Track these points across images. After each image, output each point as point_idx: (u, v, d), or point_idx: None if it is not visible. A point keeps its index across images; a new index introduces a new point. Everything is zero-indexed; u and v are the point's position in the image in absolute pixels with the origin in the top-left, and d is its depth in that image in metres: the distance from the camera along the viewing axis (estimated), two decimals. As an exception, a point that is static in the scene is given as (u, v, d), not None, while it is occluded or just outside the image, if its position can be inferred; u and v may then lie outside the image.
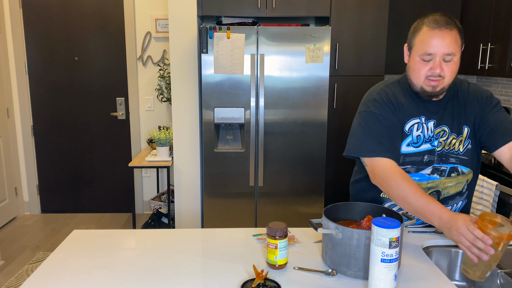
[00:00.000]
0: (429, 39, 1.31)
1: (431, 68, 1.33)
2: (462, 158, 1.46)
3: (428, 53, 1.32)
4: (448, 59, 1.32)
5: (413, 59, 1.37)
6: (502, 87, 3.49)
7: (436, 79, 1.34)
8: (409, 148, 1.44)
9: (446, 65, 1.33)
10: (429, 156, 1.44)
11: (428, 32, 1.32)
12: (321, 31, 2.97)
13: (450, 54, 1.31)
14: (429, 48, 1.31)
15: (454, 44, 1.31)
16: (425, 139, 1.43)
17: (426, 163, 1.44)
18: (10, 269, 3.11)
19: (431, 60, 1.33)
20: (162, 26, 3.90)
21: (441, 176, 1.45)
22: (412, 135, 1.43)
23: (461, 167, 1.47)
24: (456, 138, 1.45)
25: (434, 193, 1.47)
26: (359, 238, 1.15)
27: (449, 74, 1.34)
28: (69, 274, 1.21)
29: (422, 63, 1.35)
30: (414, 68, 1.38)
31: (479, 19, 3.21)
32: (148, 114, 4.08)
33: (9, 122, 3.97)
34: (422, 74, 1.36)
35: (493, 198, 2.36)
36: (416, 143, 1.43)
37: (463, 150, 1.46)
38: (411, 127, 1.43)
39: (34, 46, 3.96)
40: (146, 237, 1.47)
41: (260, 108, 3.05)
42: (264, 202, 3.20)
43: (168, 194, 3.40)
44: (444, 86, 1.37)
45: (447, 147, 1.45)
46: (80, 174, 4.20)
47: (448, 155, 1.45)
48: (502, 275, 1.25)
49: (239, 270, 1.24)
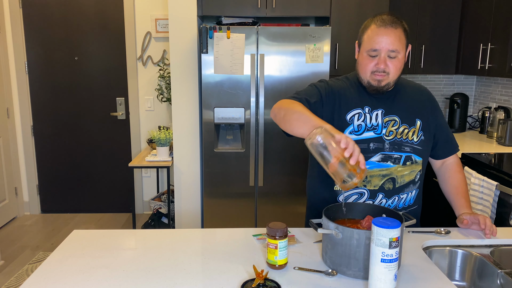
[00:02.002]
0: (375, 36, 1.40)
1: (376, 64, 1.42)
2: (416, 147, 1.52)
3: (374, 49, 1.40)
4: (392, 56, 1.40)
5: (361, 54, 1.46)
6: (502, 87, 3.49)
7: (381, 74, 1.42)
8: (351, 135, 1.49)
9: (391, 61, 1.41)
10: (375, 143, 1.49)
11: (375, 30, 1.41)
12: (321, 31, 2.97)
13: (394, 51, 1.39)
14: (375, 44, 1.40)
15: (398, 42, 1.39)
16: (367, 127, 1.49)
17: (373, 150, 1.49)
18: (10, 269, 3.11)
19: (376, 56, 1.41)
20: (162, 26, 3.90)
21: (395, 164, 1.50)
22: (353, 124, 1.50)
23: (414, 156, 1.52)
24: (408, 129, 1.51)
25: (390, 180, 1.51)
26: (359, 238, 1.15)
27: (393, 70, 1.42)
28: (69, 274, 1.21)
29: (368, 58, 1.43)
30: (361, 63, 1.47)
31: (479, 19, 3.21)
32: (148, 114, 4.08)
33: (9, 122, 3.97)
34: (368, 69, 1.44)
35: (493, 198, 2.36)
36: (358, 131, 1.50)
37: (418, 140, 1.52)
38: (352, 117, 1.50)
39: (34, 46, 3.96)
40: (146, 237, 1.47)
41: (260, 108, 3.05)
42: (264, 202, 3.20)
43: (168, 194, 3.40)
44: (389, 82, 1.45)
45: (399, 136, 1.50)
46: (80, 174, 4.20)
47: (401, 143, 1.50)
48: (502, 275, 1.25)
49: (239, 270, 1.24)
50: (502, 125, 3.09)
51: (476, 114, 3.82)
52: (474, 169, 2.61)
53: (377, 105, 1.51)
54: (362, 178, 1.15)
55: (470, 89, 3.91)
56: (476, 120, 3.80)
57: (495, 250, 1.41)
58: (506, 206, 2.33)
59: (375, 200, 1.51)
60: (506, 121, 3.05)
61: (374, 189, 1.50)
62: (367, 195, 1.51)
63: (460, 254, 1.41)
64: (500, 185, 2.34)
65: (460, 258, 1.41)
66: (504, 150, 2.92)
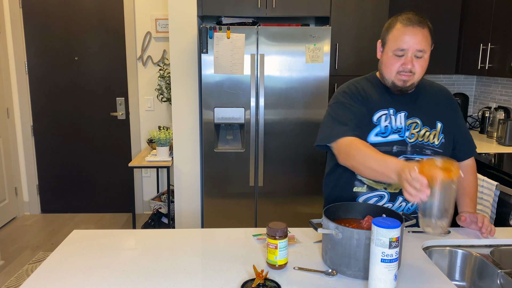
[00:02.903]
0: (402, 36, 1.38)
1: (403, 64, 1.40)
2: (437, 150, 1.51)
3: (401, 48, 1.39)
4: (419, 56, 1.38)
5: (386, 54, 1.44)
6: (502, 87, 3.49)
7: (407, 74, 1.40)
8: (377, 138, 1.48)
9: (417, 61, 1.40)
10: (398, 146, 1.48)
11: (402, 29, 1.39)
12: (321, 31, 2.97)
13: (421, 50, 1.37)
14: (402, 44, 1.38)
15: (425, 41, 1.38)
16: (393, 130, 1.48)
17: (396, 153, 1.48)
18: (10, 269, 3.11)
19: (403, 55, 1.39)
20: (162, 26, 3.90)
21: None
22: (380, 125, 1.48)
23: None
24: (429, 131, 1.50)
25: None
26: (359, 238, 1.15)
27: (419, 70, 1.40)
28: (69, 274, 1.21)
29: (394, 58, 1.41)
30: (386, 63, 1.44)
31: (479, 19, 3.21)
32: (148, 114, 4.08)
33: (9, 122, 3.97)
34: (394, 69, 1.42)
35: (493, 198, 2.36)
36: (384, 133, 1.48)
37: (439, 143, 1.51)
38: (379, 118, 1.48)
39: (34, 46, 3.96)
40: (146, 237, 1.47)
41: (260, 108, 3.05)
42: (264, 202, 3.20)
43: (168, 194, 3.40)
44: (414, 82, 1.43)
45: (420, 138, 1.49)
46: (80, 174, 4.20)
47: (423, 146, 1.49)
48: (502, 275, 1.25)
49: (239, 270, 1.24)
50: (502, 125, 3.09)
51: (476, 114, 3.82)
52: (474, 169, 2.60)
53: (400, 107, 1.49)
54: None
55: (470, 89, 3.91)
56: (476, 120, 3.80)
57: (495, 250, 1.41)
58: (506, 206, 2.33)
59: (394, 203, 1.50)
60: (506, 121, 3.05)
61: (395, 192, 1.50)
62: (387, 198, 1.50)
63: (460, 254, 1.41)
64: (500, 185, 2.34)
65: (460, 258, 1.41)
66: (504, 150, 2.92)
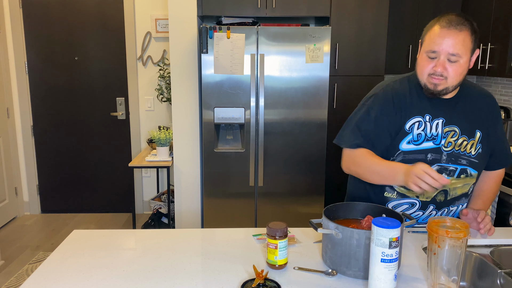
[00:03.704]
0: (436, 37, 1.33)
1: (434, 66, 1.35)
2: (473, 161, 1.47)
3: (433, 50, 1.34)
4: (453, 60, 1.32)
5: (421, 55, 1.40)
6: (502, 87, 3.49)
7: (438, 78, 1.35)
8: (409, 145, 1.44)
9: (450, 65, 1.33)
10: (433, 154, 1.44)
11: (437, 31, 1.33)
12: (321, 31, 2.97)
13: (454, 54, 1.31)
14: (435, 46, 1.33)
15: (461, 45, 1.31)
16: (427, 137, 1.44)
17: (430, 161, 1.44)
18: (10, 269, 3.11)
19: (435, 58, 1.34)
20: (162, 26, 3.90)
21: (449, 176, 1.46)
22: (413, 133, 1.44)
23: (470, 170, 1.47)
24: (467, 140, 1.45)
25: (442, 192, 1.47)
26: (359, 238, 1.15)
27: (452, 74, 1.34)
28: (69, 274, 1.21)
29: (427, 59, 1.37)
30: (419, 63, 1.40)
31: (479, 19, 3.21)
32: (148, 114, 4.08)
33: (9, 122, 3.97)
34: (425, 71, 1.38)
35: (493, 198, 2.36)
36: (417, 141, 1.44)
37: (475, 153, 1.47)
38: (412, 125, 1.44)
39: (34, 46, 3.96)
40: (146, 237, 1.47)
41: (260, 108, 3.05)
42: (264, 202, 3.20)
43: (168, 194, 3.40)
44: (447, 87, 1.36)
45: (457, 147, 1.45)
46: (80, 174, 4.20)
47: (459, 156, 1.45)
48: (502, 275, 1.25)
49: (239, 270, 1.24)
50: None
51: (476, 114, 3.82)
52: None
53: (437, 114, 1.44)
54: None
55: (470, 89, 3.90)
56: (476, 120, 3.79)
57: (495, 250, 1.41)
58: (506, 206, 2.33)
59: (425, 211, 1.49)
60: (506, 121, 3.05)
61: (426, 200, 1.48)
62: (418, 206, 1.49)
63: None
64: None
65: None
66: (504, 150, 2.92)
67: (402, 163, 1.32)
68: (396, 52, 3.51)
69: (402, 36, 3.50)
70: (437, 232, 1.08)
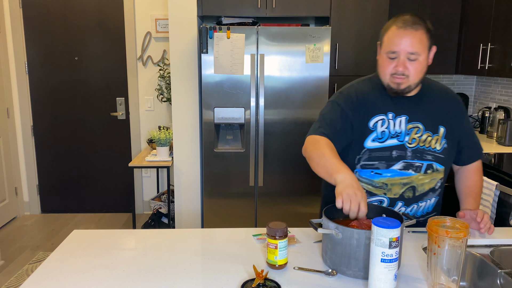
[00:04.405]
0: (394, 38, 1.37)
1: (395, 66, 1.38)
2: (439, 156, 1.50)
3: (392, 51, 1.38)
4: (412, 58, 1.36)
5: (381, 56, 1.43)
6: (502, 87, 3.49)
7: (400, 77, 1.39)
8: (374, 143, 1.48)
9: (411, 64, 1.37)
10: (397, 151, 1.47)
11: (395, 31, 1.37)
12: (321, 31, 2.97)
13: (414, 53, 1.35)
14: (394, 46, 1.37)
15: (419, 43, 1.35)
16: (391, 134, 1.47)
17: (395, 158, 1.47)
18: (10, 269, 3.11)
19: (395, 58, 1.38)
20: (162, 26, 3.90)
21: (416, 172, 1.48)
22: (377, 131, 1.47)
23: (436, 165, 1.50)
24: (431, 136, 1.48)
25: (410, 188, 1.49)
26: (359, 238, 1.15)
27: (413, 72, 1.38)
28: (69, 274, 1.21)
29: (388, 60, 1.40)
30: (381, 65, 1.44)
31: (479, 19, 3.21)
32: (148, 114, 4.08)
33: (9, 122, 3.97)
34: (387, 71, 1.41)
35: (493, 198, 2.36)
36: (381, 139, 1.47)
37: (440, 148, 1.50)
38: (376, 123, 1.48)
39: (34, 46, 3.96)
40: (146, 237, 1.47)
41: (260, 108, 3.05)
42: (264, 202, 3.20)
43: (168, 194, 3.40)
44: (410, 85, 1.41)
45: (421, 144, 1.48)
46: (80, 174, 4.20)
47: (424, 151, 1.48)
48: (502, 275, 1.25)
49: (239, 270, 1.24)
50: (502, 125, 3.09)
51: (476, 114, 3.82)
52: (474, 169, 2.60)
53: (401, 111, 1.48)
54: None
55: (470, 89, 3.91)
56: (476, 120, 3.80)
57: (495, 250, 1.41)
58: (506, 206, 2.33)
59: (394, 208, 1.50)
60: (506, 121, 3.05)
61: (394, 197, 1.49)
62: (386, 203, 1.50)
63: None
64: (500, 185, 2.34)
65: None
66: (504, 150, 2.92)
67: (347, 169, 1.30)
68: (396, 52, 3.51)
69: (402, 36, 3.49)
70: (437, 232, 1.09)
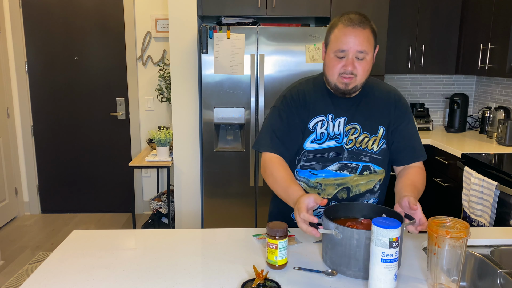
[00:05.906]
0: (343, 36, 1.34)
1: (344, 65, 1.36)
2: (375, 157, 1.48)
3: (341, 49, 1.35)
4: (360, 57, 1.35)
5: (328, 55, 1.40)
6: (502, 87, 3.49)
7: (349, 76, 1.37)
8: (313, 144, 1.47)
9: (359, 63, 1.35)
10: (334, 153, 1.47)
11: (342, 30, 1.35)
12: (321, 31, 2.97)
13: (362, 51, 1.34)
14: (343, 45, 1.34)
15: (367, 42, 1.34)
16: (330, 136, 1.47)
17: (332, 159, 1.47)
18: (10, 269, 3.11)
19: (344, 57, 1.36)
20: (162, 26, 3.90)
21: (351, 173, 1.47)
22: (316, 132, 1.47)
23: (374, 166, 1.49)
24: (368, 137, 1.47)
25: (344, 189, 1.49)
26: (359, 238, 1.15)
27: (361, 72, 1.36)
28: (69, 274, 1.21)
29: (336, 59, 1.37)
30: (328, 64, 1.41)
31: (479, 19, 3.21)
32: (148, 114, 4.08)
33: (9, 122, 3.97)
34: (335, 71, 1.38)
35: (493, 198, 2.36)
36: (320, 140, 1.47)
37: (378, 149, 1.48)
38: (315, 124, 1.47)
39: (34, 46, 3.96)
40: (146, 237, 1.47)
41: (260, 108, 3.05)
42: (264, 202, 3.20)
43: (168, 194, 3.40)
44: (356, 84, 1.39)
45: (358, 144, 1.46)
46: (80, 174, 4.20)
47: (360, 153, 1.47)
48: (502, 275, 1.25)
49: (239, 270, 1.24)
50: (502, 125, 3.09)
51: (476, 114, 3.82)
52: (474, 169, 2.61)
53: (340, 113, 1.46)
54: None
55: (470, 89, 3.91)
56: (476, 120, 3.80)
57: (495, 250, 1.41)
58: (506, 206, 2.33)
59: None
60: (506, 121, 3.05)
61: (328, 197, 1.48)
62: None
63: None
64: (500, 185, 2.34)
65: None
66: (504, 150, 2.92)
67: (298, 190, 1.31)
68: (396, 52, 3.51)
69: (402, 36, 3.50)
70: (437, 232, 1.09)
